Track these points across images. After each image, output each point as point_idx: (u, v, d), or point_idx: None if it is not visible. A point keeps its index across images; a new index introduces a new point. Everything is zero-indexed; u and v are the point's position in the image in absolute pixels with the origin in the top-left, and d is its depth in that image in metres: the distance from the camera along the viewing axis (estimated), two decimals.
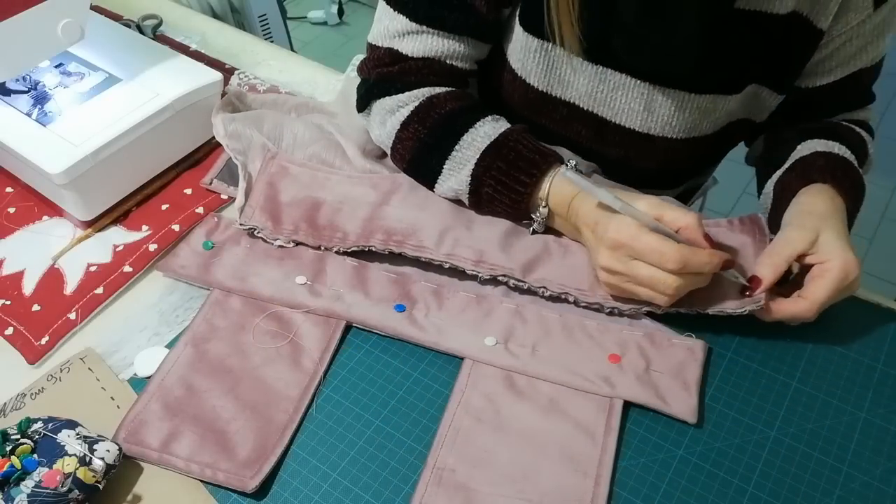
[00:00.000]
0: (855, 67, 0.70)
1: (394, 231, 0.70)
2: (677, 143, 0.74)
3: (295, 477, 0.58)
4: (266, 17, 1.88)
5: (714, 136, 0.75)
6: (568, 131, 0.78)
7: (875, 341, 0.65)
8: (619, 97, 0.72)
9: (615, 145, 0.77)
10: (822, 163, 0.67)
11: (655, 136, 0.74)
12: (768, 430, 0.59)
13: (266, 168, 0.76)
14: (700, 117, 0.72)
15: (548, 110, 0.77)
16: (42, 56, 0.77)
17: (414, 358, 0.65)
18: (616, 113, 0.74)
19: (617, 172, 0.77)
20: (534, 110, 0.78)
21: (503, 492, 0.56)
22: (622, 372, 0.62)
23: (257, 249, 0.72)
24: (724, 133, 0.76)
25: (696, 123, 0.72)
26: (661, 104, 0.71)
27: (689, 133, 0.73)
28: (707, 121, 0.73)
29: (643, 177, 0.79)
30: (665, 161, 0.77)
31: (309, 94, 0.92)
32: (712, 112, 0.72)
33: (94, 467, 0.53)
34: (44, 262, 0.73)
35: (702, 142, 0.75)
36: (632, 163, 0.78)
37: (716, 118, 0.73)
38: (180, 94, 0.77)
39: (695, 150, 0.76)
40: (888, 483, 0.56)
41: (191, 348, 0.65)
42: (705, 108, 0.71)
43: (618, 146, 0.77)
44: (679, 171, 0.84)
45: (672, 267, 0.59)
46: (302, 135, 0.79)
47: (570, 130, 0.78)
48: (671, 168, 0.81)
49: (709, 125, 0.73)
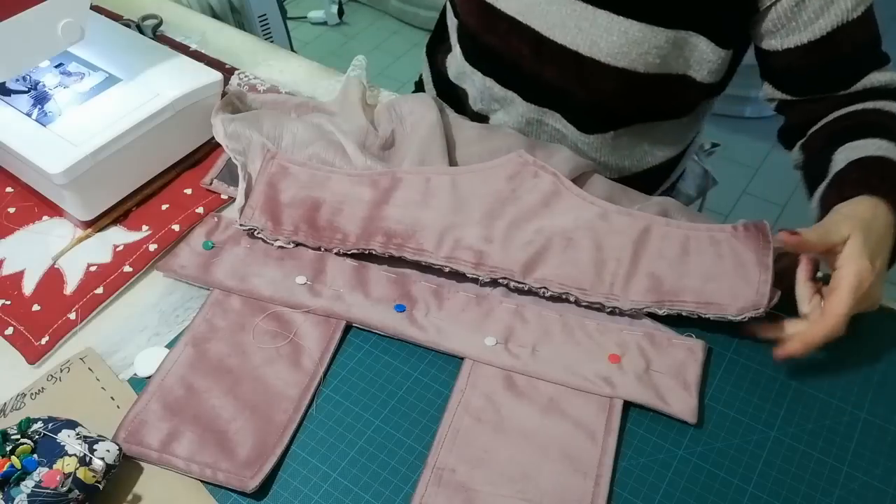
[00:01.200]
0: (834, 20, 0.69)
1: (394, 233, 0.70)
2: (606, 70, 0.76)
3: (295, 477, 0.58)
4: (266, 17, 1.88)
5: (648, 79, 0.76)
6: (510, 49, 0.82)
7: (875, 341, 0.65)
8: (555, 11, 0.75)
9: (550, 64, 0.80)
10: (855, 175, 0.66)
11: (583, 56, 0.76)
12: (768, 430, 0.59)
13: (266, 168, 0.76)
14: (626, 45, 0.73)
15: (493, 24, 0.81)
16: (42, 56, 0.77)
17: (414, 358, 0.65)
18: (550, 27, 0.77)
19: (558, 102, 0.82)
20: (482, 25, 0.83)
21: (503, 492, 0.56)
22: (622, 372, 0.62)
23: (257, 249, 0.72)
24: (660, 81, 0.76)
25: (623, 51, 0.74)
26: (591, 23, 0.74)
27: (616, 60, 0.75)
28: (636, 52, 0.74)
29: (581, 109, 0.82)
30: (598, 91, 0.79)
31: (309, 94, 0.92)
32: (640, 43, 0.73)
33: (94, 467, 0.53)
34: (44, 262, 0.73)
35: (633, 78, 0.76)
36: (566, 87, 0.81)
37: (644, 52, 0.73)
38: (180, 94, 0.77)
39: (627, 87, 0.77)
40: (888, 483, 0.56)
41: (191, 348, 0.65)
42: (632, 37, 0.72)
43: (553, 66, 0.79)
44: (612, 109, 0.84)
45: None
46: (301, 135, 0.79)
47: (511, 48, 0.82)
48: (603, 101, 0.81)
49: (639, 59, 0.74)
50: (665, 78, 0.76)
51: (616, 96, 0.80)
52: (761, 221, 0.68)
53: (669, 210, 0.73)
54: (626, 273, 0.67)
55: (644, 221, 0.70)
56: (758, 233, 0.67)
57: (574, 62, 0.77)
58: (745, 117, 2.25)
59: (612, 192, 0.76)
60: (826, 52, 0.71)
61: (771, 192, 2.06)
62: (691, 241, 0.68)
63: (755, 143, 2.20)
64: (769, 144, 2.19)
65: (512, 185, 0.73)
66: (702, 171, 1.02)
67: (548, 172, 0.73)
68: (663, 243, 0.68)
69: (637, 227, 0.69)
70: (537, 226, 0.70)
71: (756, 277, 0.64)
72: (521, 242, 0.69)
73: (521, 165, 0.74)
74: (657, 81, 0.76)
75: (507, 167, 0.75)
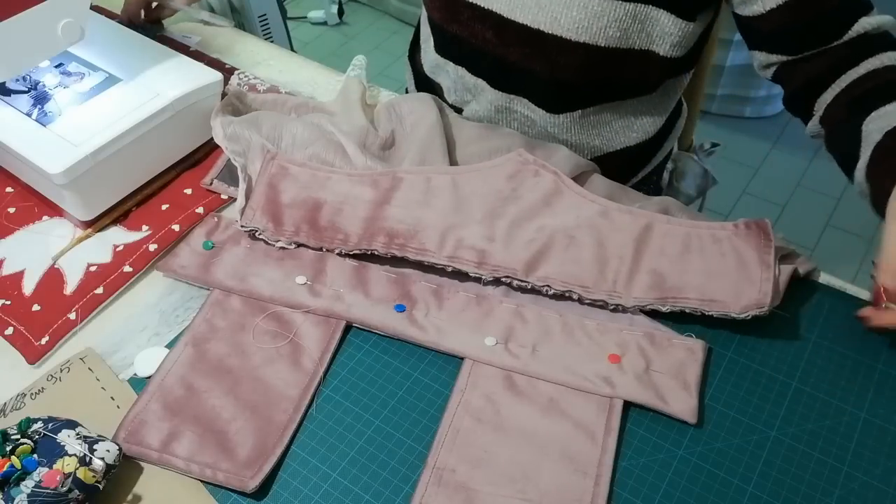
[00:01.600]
0: None
1: (395, 233, 0.70)
2: (568, 46, 0.76)
3: (295, 477, 0.58)
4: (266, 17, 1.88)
5: (612, 54, 0.76)
6: (475, 36, 0.83)
7: (875, 341, 0.65)
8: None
9: (514, 46, 0.80)
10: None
11: (546, 34, 0.77)
12: (768, 430, 0.59)
13: (266, 169, 0.76)
14: (587, 19, 0.74)
15: (456, 13, 0.82)
16: (42, 56, 0.77)
17: (414, 358, 0.65)
18: (512, 9, 0.78)
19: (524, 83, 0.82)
20: (446, 16, 0.84)
21: (503, 492, 0.56)
22: (622, 372, 0.62)
23: (257, 249, 0.72)
24: (622, 55, 0.77)
25: (584, 26, 0.74)
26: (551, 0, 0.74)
27: (578, 35, 0.75)
28: (596, 26, 0.74)
29: (547, 90, 0.83)
30: (562, 67, 0.79)
31: (309, 94, 0.92)
32: (600, 16, 0.73)
33: (94, 467, 0.53)
34: (44, 262, 0.73)
35: (597, 53, 0.76)
36: (531, 68, 0.81)
37: (605, 25, 0.74)
38: (180, 94, 0.77)
39: (591, 63, 0.78)
40: (888, 483, 0.56)
41: (191, 348, 0.65)
42: (592, 10, 0.73)
43: (516, 47, 0.80)
44: (577, 86, 0.83)
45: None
46: (301, 135, 0.79)
47: (476, 35, 0.82)
48: (567, 79, 0.81)
49: (600, 34, 0.75)
50: (627, 52, 0.77)
51: (580, 72, 0.80)
52: (763, 220, 0.68)
53: (670, 209, 0.73)
54: (629, 270, 0.67)
55: (645, 219, 0.70)
56: (759, 231, 0.67)
57: (537, 41, 0.78)
58: (745, 117, 2.25)
59: (612, 191, 0.76)
60: (811, 4, 0.71)
61: (771, 192, 2.06)
62: (693, 238, 0.68)
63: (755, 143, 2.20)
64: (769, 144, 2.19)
65: (513, 184, 0.73)
66: (702, 170, 1.02)
67: (548, 171, 0.73)
68: (665, 241, 0.68)
69: (638, 225, 0.69)
70: (539, 224, 0.70)
71: (758, 276, 0.64)
72: (523, 241, 0.69)
73: (522, 164, 0.75)
74: (620, 56, 0.77)
75: (507, 166, 0.75)
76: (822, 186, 2.05)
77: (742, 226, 0.68)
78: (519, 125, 0.89)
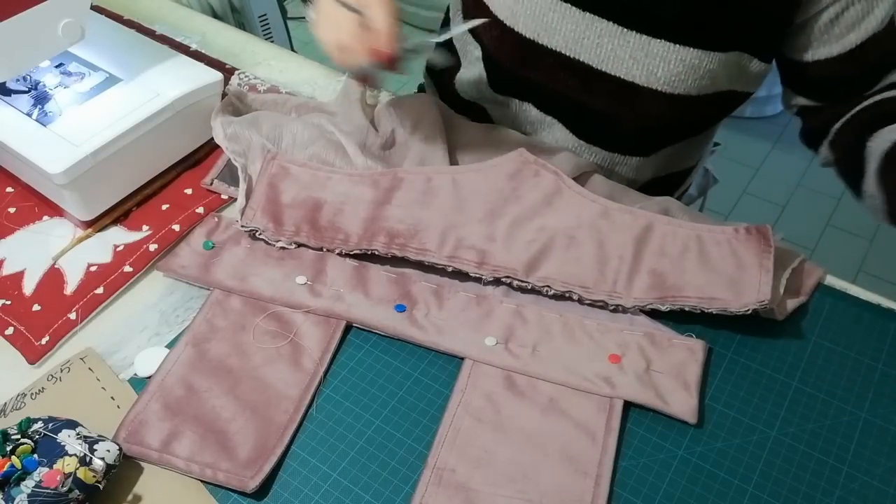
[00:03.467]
0: (869, 31, 0.70)
1: (396, 233, 0.70)
2: (661, 98, 0.75)
3: (295, 477, 0.58)
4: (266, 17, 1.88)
5: (699, 101, 0.76)
6: (555, 82, 0.80)
7: (875, 341, 0.65)
8: (606, 44, 0.74)
9: (601, 95, 0.78)
10: None
11: (640, 87, 0.75)
12: (768, 431, 0.59)
13: (266, 169, 0.76)
14: (684, 72, 0.73)
15: (535, 60, 0.79)
16: (42, 56, 0.77)
17: (414, 358, 0.65)
18: (602, 61, 0.75)
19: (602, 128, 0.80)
20: (522, 62, 0.80)
21: (503, 492, 0.56)
22: (622, 372, 0.62)
23: (257, 249, 0.72)
24: (709, 100, 0.76)
25: (681, 79, 0.73)
26: (647, 53, 0.73)
27: (674, 87, 0.74)
28: (692, 78, 0.73)
29: (626, 135, 0.81)
30: (648, 116, 0.78)
31: (309, 94, 0.92)
32: (697, 69, 0.72)
33: (94, 467, 0.53)
34: (44, 262, 0.73)
35: (686, 102, 0.76)
36: (617, 116, 0.80)
37: (699, 76, 0.73)
38: (180, 94, 0.77)
39: (679, 111, 0.77)
40: (888, 483, 0.56)
41: (191, 348, 0.65)
42: (690, 63, 0.72)
43: (603, 97, 0.78)
44: (661, 132, 0.84)
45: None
46: (301, 135, 0.79)
47: (557, 81, 0.79)
48: (654, 126, 0.81)
49: (693, 84, 0.74)
50: (715, 96, 0.76)
51: (667, 121, 0.79)
52: (763, 226, 0.68)
53: (671, 209, 0.73)
54: (629, 271, 0.67)
55: (646, 219, 0.70)
56: (759, 236, 0.67)
57: (629, 92, 0.76)
58: (745, 117, 2.25)
59: (612, 191, 0.76)
60: (856, 62, 0.72)
61: (771, 192, 2.06)
62: (693, 240, 0.68)
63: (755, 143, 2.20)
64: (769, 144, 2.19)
65: (513, 183, 0.73)
66: (702, 170, 1.02)
67: (549, 171, 0.73)
68: (665, 241, 0.68)
69: (639, 226, 0.69)
70: (539, 224, 0.70)
71: (756, 279, 0.64)
72: (523, 241, 0.69)
73: (522, 164, 0.75)
74: (706, 100, 0.76)
75: (507, 166, 0.75)
76: (822, 186, 2.05)
77: (742, 231, 0.68)
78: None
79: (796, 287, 0.68)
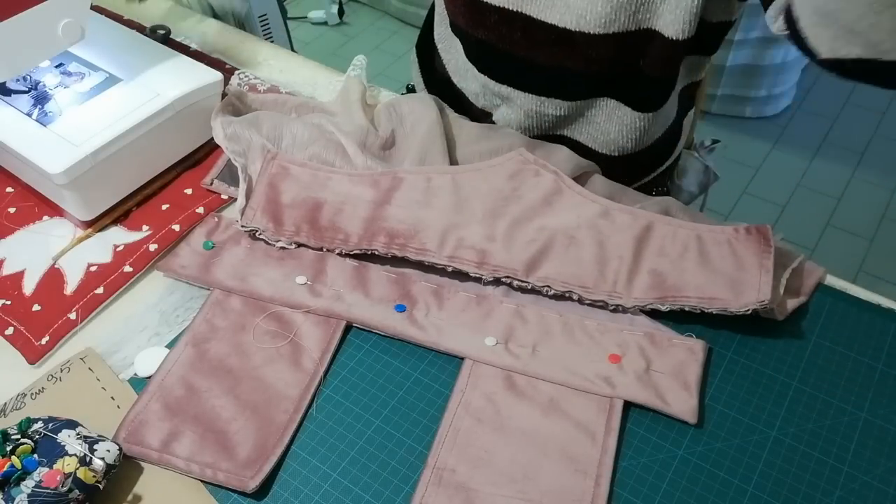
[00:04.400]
0: None
1: (396, 233, 0.70)
2: (596, 40, 0.75)
3: (295, 477, 0.58)
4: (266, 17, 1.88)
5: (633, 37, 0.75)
6: (502, 40, 0.81)
7: (875, 341, 0.65)
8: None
9: (543, 46, 0.79)
10: None
11: (574, 32, 0.75)
12: (768, 431, 0.59)
13: (266, 169, 0.76)
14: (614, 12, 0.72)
15: (481, 18, 0.80)
16: (42, 56, 0.77)
17: (414, 358, 0.65)
18: (540, 10, 0.76)
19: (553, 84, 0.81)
20: (472, 22, 0.82)
21: (503, 492, 0.56)
22: (622, 372, 0.62)
23: (257, 249, 0.72)
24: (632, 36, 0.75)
25: (612, 18, 0.73)
26: None
27: (606, 27, 0.74)
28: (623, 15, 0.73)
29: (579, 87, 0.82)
30: (590, 62, 0.78)
31: (309, 94, 0.92)
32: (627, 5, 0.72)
33: (94, 467, 0.53)
34: (44, 262, 0.73)
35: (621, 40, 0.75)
36: (563, 66, 0.80)
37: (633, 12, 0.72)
38: (180, 94, 0.77)
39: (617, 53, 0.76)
40: (889, 483, 0.56)
41: (191, 348, 0.65)
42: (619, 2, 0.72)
43: (545, 47, 0.79)
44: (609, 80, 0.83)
45: None
46: (301, 135, 0.79)
47: (503, 38, 0.81)
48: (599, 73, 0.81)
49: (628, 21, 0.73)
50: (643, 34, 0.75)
51: (609, 63, 0.79)
52: (763, 226, 0.68)
53: (671, 209, 0.73)
54: (629, 271, 0.67)
55: (646, 219, 0.70)
56: (759, 236, 0.67)
57: (566, 40, 0.77)
58: (745, 117, 2.26)
59: (612, 191, 0.76)
60: None
61: (771, 192, 2.06)
62: (693, 240, 0.68)
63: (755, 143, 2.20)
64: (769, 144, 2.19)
65: (513, 183, 0.73)
66: (703, 167, 1.02)
67: (549, 171, 0.73)
68: (665, 241, 0.68)
69: (639, 225, 0.69)
70: (539, 224, 0.70)
71: (756, 279, 0.64)
72: (523, 241, 0.69)
73: (522, 164, 0.75)
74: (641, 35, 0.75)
75: (507, 166, 0.75)
76: (822, 186, 2.05)
77: (742, 231, 0.68)
78: (551, 125, 0.88)
79: (796, 287, 0.68)
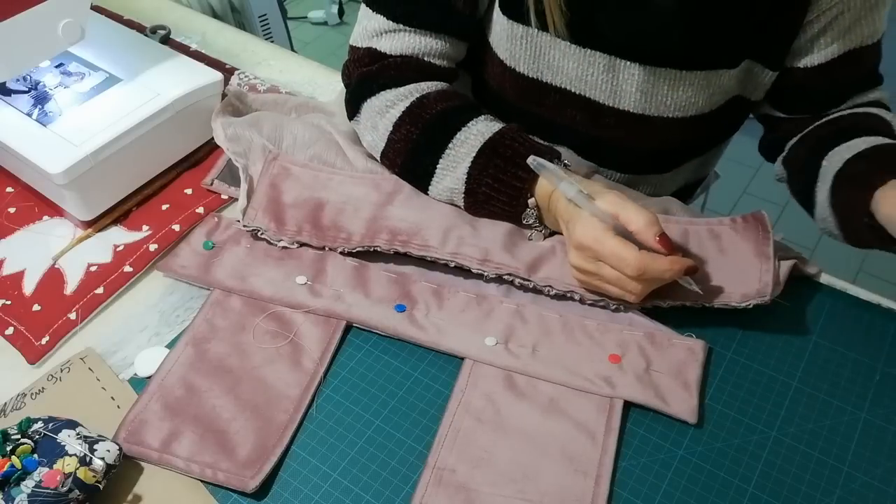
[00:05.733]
0: (851, 44, 0.69)
1: (398, 231, 0.70)
2: (674, 123, 0.73)
3: (295, 477, 0.58)
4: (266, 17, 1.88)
5: (711, 115, 0.74)
6: (563, 118, 0.77)
7: (875, 341, 0.65)
8: (610, 79, 0.71)
9: (612, 128, 0.76)
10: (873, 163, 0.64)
11: (651, 117, 0.73)
12: (768, 431, 0.59)
13: (268, 169, 0.76)
14: (695, 94, 0.71)
15: (540, 97, 0.77)
16: (42, 56, 0.77)
17: (414, 358, 0.65)
18: (609, 96, 0.73)
19: (615, 156, 0.78)
20: (527, 99, 0.78)
21: (503, 492, 0.56)
22: (622, 372, 0.62)
23: (257, 249, 0.72)
24: (720, 111, 0.75)
25: (693, 101, 0.72)
26: (655, 84, 0.70)
27: (686, 111, 0.73)
28: (702, 97, 0.72)
29: (641, 160, 0.79)
30: (663, 141, 0.77)
31: (309, 94, 0.92)
32: (706, 88, 0.71)
33: (94, 467, 0.53)
34: (44, 262, 0.73)
35: (699, 120, 0.74)
36: (630, 145, 0.78)
37: (711, 94, 0.72)
38: (180, 94, 0.77)
39: (692, 130, 0.75)
40: (888, 483, 0.56)
41: (191, 348, 0.65)
42: (699, 85, 0.70)
43: (614, 128, 0.76)
44: (677, 153, 0.83)
45: (631, 273, 0.59)
46: (302, 136, 0.79)
47: (564, 117, 0.77)
48: (669, 149, 0.80)
49: (705, 102, 0.72)
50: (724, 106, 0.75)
51: (682, 139, 0.78)
52: (759, 212, 0.68)
53: (671, 209, 0.73)
54: None
55: None
56: (756, 224, 0.68)
57: (640, 123, 0.74)
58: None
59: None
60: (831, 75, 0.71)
61: (771, 192, 2.05)
62: (691, 235, 0.68)
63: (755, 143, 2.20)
64: None
65: None
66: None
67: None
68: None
69: None
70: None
71: (757, 268, 0.64)
72: (525, 247, 0.69)
73: None
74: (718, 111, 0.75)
75: None
76: None
77: (739, 220, 0.69)
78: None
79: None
